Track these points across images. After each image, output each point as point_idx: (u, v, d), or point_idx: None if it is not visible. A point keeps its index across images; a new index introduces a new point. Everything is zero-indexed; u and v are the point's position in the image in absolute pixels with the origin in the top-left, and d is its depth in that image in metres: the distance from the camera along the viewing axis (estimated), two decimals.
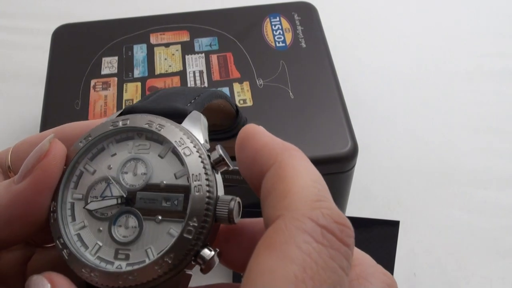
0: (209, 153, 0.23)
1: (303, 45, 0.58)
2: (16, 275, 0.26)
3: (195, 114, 0.25)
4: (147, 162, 0.24)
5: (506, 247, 0.56)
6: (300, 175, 0.20)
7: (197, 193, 0.22)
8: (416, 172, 0.62)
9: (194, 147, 0.23)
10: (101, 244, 0.23)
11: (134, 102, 0.53)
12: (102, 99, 0.54)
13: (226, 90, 0.54)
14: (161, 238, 0.23)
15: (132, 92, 0.54)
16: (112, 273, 0.22)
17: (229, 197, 0.23)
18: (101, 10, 0.76)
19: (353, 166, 0.51)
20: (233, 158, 0.24)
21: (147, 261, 0.22)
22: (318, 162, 0.49)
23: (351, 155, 0.50)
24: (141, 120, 0.24)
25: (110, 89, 0.54)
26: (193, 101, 0.26)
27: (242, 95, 0.53)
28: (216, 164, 0.23)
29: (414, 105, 0.68)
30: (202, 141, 0.24)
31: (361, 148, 0.51)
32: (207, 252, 0.22)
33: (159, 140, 0.24)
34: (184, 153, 0.23)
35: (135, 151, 0.24)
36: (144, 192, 0.23)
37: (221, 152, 0.23)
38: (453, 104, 0.68)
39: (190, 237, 0.22)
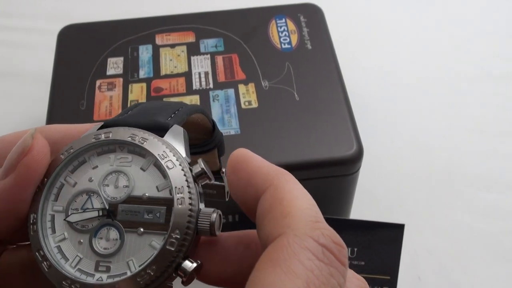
0: (190, 167, 0.24)
1: (309, 46, 0.58)
2: None
3: (176, 128, 0.25)
4: (129, 174, 0.24)
5: (510, 250, 0.56)
6: (297, 198, 0.21)
7: (179, 206, 0.22)
8: (420, 175, 0.61)
9: (177, 160, 0.23)
10: (81, 256, 0.23)
11: (139, 102, 0.53)
12: (108, 99, 0.54)
13: (231, 91, 0.54)
14: (143, 250, 0.23)
15: (138, 93, 0.54)
16: (93, 285, 0.22)
17: (211, 209, 0.23)
18: (107, 10, 0.77)
19: (358, 169, 0.51)
20: (214, 173, 0.24)
21: (129, 273, 0.22)
22: (323, 165, 0.50)
23: (356, 158, 0.50)
24: (124, 133, 0.24)
25: (115, 89, 0.54)
26: (173, 115, 0.26)
27: (248, 96, 0.53)
28: (198, 177, 0.23)
29: (419, 108, 0.68)
30: (184, 155, 0.24)
31: (366, 151, 0.51)
32: (188, 264, 0.22)
33: (142, 153, 0.24)
34: (167, 166, 0.23)
35: (116, 164, 0.24)
36: (126, 205, 0.23)
37: (203, 165, 0.23)
38: (457, 107, 0.68)
39: (173, 249, 0.22)
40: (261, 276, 0.19)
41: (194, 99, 0.53)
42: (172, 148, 0.24)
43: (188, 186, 0.23)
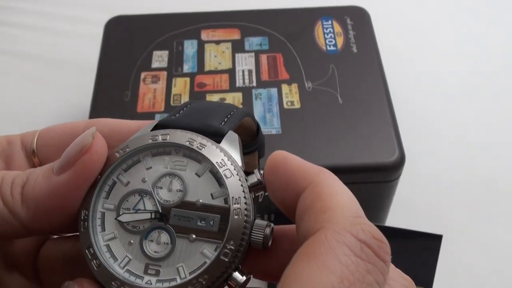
0: (246, 177, 0.23)
1: (354, 50, 0.57)
2: (27, 261, 0.27)
3: (232, 135, 0.25)
4: (183, 179, 0.24)
5: None
6: (337, 193, 0.21)
7: (236, 216, 0.22)
8: (462, 187, 0.60)
9: (234, 169, 0.23)
10: (131, 257, 0.23)
11: (182, 97, 0.53)
12: (151, 92, 0.54)
13: (274, 91, 0.54)
14: (193, 257, 0.23)
15: (181, 87, 0.54)
16: None
17: (264, 222, 0.23)
18: (154, 3, 0.77)
19: (399, 176, 0.50)
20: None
21: (179, 279, 0.22)
22: (363, 170, 0.49)
23: (398, 165, 0.49)
24: (181, 137, 0.24)
25: (159, 82, 0.55)
26: (226, 119, 0.26)
27: (290, 97, 0.53)
28: (253, 188, 0.23)
29: (464, 118, 0.66)
30: (240, 164, 0.24)
31: (407, 158, 0.50)
32: (239, 276, 0.22)
33: (197, 158, 0.24)
34: (225, 175, 0.23)
35: (171, 167, 0.24)
36: (179, 209, 0.23)
37: (259, 176, 0.23)
38: (506, 119, 0.66)
39: (226, 259, 0.22)
40: (296, 270, 0.19)
41: (237, 97, 0.53)
42: (229, 157, 0.24)
43: (245, 197, 0.23)
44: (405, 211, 0.58)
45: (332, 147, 0.49)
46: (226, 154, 0.24)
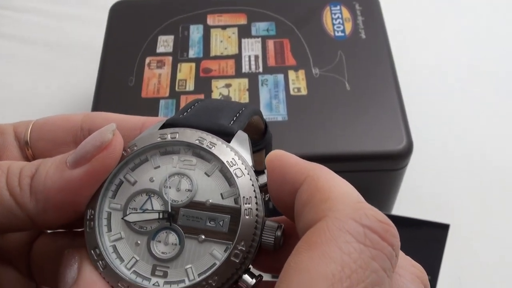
0: (257, 177, 0.23)
1: (363, 36, 0.56)
2: (21, 254, 0.26)
3: (242, 134, 0.24)
4: (192, 178, 0.23)
5: None
6: (336, 184, 0.21)
7: (247, 217, 0.22)
8: (470, 177, 0.59)
9: (245, 169, 0.23)
10: (138, 258, 0.23)
11: (187, 82, 0.52)
12: (156, 77, 0.53)
13: (281, 77, 0.53)
14: (202, 258, 0.22)
15: (186, 73, 0.54)
16: None
17: (275, 224, 0.22)
18: None
19: (406, 165, 0.50)
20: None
21: (187, 281, 0.22)
22: (370, 158, 0.48)
23: (405, 153, 0.48)
24: (191, 136, 0.24)
25: (164, 67, 0.54)
26: (235, 118, 0.25)
27: (297, 83, 0.52)
28: (263, 188, 0.23)
29: (473, 107, 0.65)
30: (250, 163, 0.23)
31: (415, 147, 0.49)
32: (249, 279, 0.21)
33: (207, 157, 0.23)
34: (236, 174, 0.22)
35: (180, 166, 0.24)
36: (187, 209, 0.23)
37: None
38: None
39: (237, 261, 0.21)
40: (296, 259, 0.19)
41: (242, 83, 0.53)
42: (240, 156, 0.23)
43: (256, 197, 0.22)
44: (412, 199, 0.58)
45: (339, 135, 0.49)
46: (237, 154, 0.23)
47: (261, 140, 0.31)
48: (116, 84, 0.53)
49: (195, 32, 0.58)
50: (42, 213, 0.22)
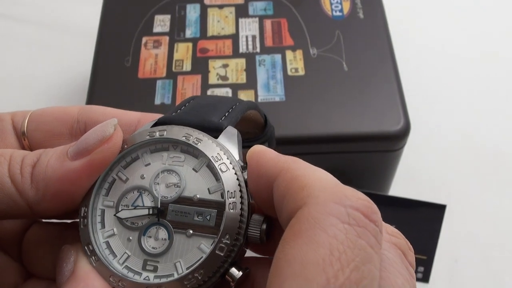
0: (243, 171, 0.23)
1: (361, 15, 0.56)
2: (13, 243, 0.27)
3: (231, 129, 0.25)
4: (180, 174, 0.24)
5: None
6: (311, 171, 0.21)
7: (231, 210, 0.22)
8: (467, 158, 0.60)
9: (230, 163, 0.23)
10: (129, 253, 0.23)
11: (184, 62, 0.52)
12: (153, 57, 0.53)
13: (278, 57, 0.52)
14: (191, 252, 0.23)
15: (183, 53, 0.53)
16: (140, 284, 0.22)
17: (261, 217, 0.23)
18: None
19: (403, 146, 0.50)
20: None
21: (176, 275, 0.22)
22: (367, 138, 0.48)
23: (403, 134, 0.48)
24: (178, 132, 0.24)
25: (161, 47, 0.54)
26: (227, 114, 0.26)
27: (295, 63, 0.52)
28: None
29: (471, 89, 0.65)
30: (237, 158, 0.24)
31: (412, 128, 0.49)
32: (235, 272, 0.22)
33: (195, 153, 0.24)
34: (221, 169, 0.23)
35: (169, 163, 0.24)
36: (176, 205, 0.23)
37: None
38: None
39: (222, 254, 0.22)
40: (284, 251, 0.19)
41: (240, 63, 0.52)
42: (226, 151, 0.24)
43: (241, 191, 0.22)
44: (409, 180, 0.58)
45: (336, 115, 0.48)
46: (223, 149, 0.23)
47: (261, 133, 0.32)
48: (113, 65, 0.53)
49: (192, 11, 0.57)
50: (41, 201, 0.23)
